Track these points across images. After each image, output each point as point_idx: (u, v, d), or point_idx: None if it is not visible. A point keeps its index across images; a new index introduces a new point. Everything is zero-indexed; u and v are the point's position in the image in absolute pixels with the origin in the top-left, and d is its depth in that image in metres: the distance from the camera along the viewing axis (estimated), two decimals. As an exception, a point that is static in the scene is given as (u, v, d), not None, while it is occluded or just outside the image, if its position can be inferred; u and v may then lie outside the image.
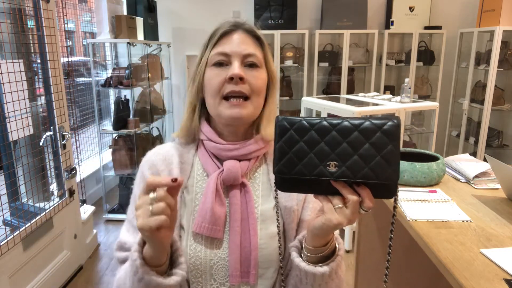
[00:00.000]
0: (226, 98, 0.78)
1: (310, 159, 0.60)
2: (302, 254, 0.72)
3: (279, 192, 0.66)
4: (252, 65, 0.79)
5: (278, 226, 0.74)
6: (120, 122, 3.21)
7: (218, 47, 0.80)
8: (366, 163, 0.58)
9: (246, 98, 0.78)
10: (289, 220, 0.80)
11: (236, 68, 0.76)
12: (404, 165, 1.41)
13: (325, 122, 0.60)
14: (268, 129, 0.82)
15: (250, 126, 0.84)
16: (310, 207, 0.82)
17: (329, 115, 2.62)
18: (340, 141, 0.59)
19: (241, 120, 0.78)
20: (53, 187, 2.43)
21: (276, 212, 0.73)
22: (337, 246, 0.71)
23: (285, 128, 0.62)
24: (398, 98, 2.76)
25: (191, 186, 0.82)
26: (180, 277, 0.67)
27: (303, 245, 0.71)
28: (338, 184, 0.60)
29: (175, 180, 0.58)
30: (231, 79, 0.76)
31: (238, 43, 0.79)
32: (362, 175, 0.58)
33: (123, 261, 0.77)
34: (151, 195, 0.57)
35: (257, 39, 0.83)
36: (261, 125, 0.83)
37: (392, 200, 0.65)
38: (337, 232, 0.75)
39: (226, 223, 0.79)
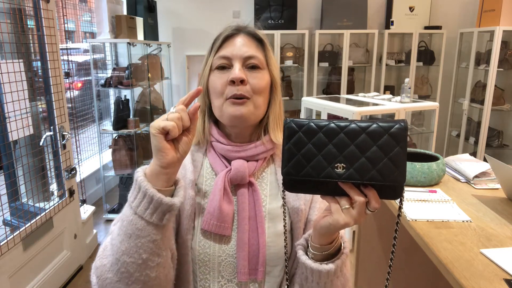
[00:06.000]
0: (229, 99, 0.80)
1: (318, 161, 0.61)
2: (308, 252, 0.73)
3: (286, 192, 0.67)
4: (254, 67, 0.81)
5: (284, 226, 0.75)
6: (120, 122, 3.21)
7: (221, 51, 0.81)
8: (373, 165, 0.59)
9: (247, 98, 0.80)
10: (297, 219, 0.81)
11: (236, 71, 0.78)
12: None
13: (333, 125, 0.61)
14: (277, 134, 0.84)
15: (257, 128, 0.86)
16: (317, 207, 0.83)
17: (329, 115, 2.62)
18: (348, 144, 0.60)
19: (242, 118, 0.79)
20: (53, 187, 2.43)
21: (283, 212, 0.74)
22: (342, 244, 0.72)
23: (294, 130, 0.62)
24: (398, 98, 2.76)
25: (201, 184, 0.84)
26: (175, 199, 0.66)
27: (309, 243, 0.73)
28: (346, 185, 0.61)
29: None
30: (232, 82, 0.78)
31: (239, 46, 0.81)
32: (370, 177, 0.59)
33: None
34: (171, 109, 0.65)
35: (259, 42, 0.84)
36: (269, 128, 0.84)
37: (393, 200, 0.65)
38: (342, 231, 0.76)
39: (234, 221, 0.81)
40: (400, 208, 0.64)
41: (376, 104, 2.60)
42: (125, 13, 3.48)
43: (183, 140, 0.65)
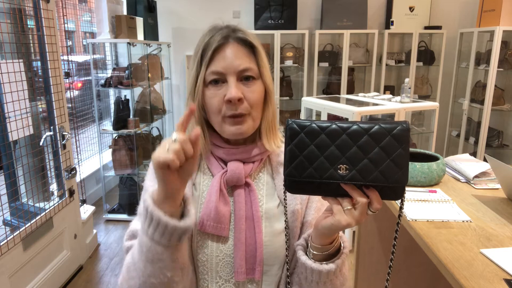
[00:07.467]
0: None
1: (321, 162, 0.61)
2: (308, 252, 0.73)
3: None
4: (249, 78, 0.79)
5: (286, 228, 0.75)
6: (120, 122, 3.21)
7: (212, 65, 0.78)
8: (376, 166, 0.59)
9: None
10: (293, 219, 0.81)
11: (232, 89, 0.75)
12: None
13: (335, 126, 0.61)
14: (270, 141, 0.83)
15: (253, 132, 0.85)
16: (314, 207, 0.84)
17: (329, 115, 2.62)
18: (351, 145, 0.60)
19: (243, 135, 0.80)
20: (53, 187, 2.43)
21: (285, 213, 0.75)
22: (342, 244, 0.73)
23: (296, 131, 0.62)
24: (398, 98, 2.75)
25: (198, 184, 0.85)
26: (188, 221, 0.66)
27: (309, 244, 0.73)
28: (348, 186, 0.61)
29: (195, 135, 0.61)
30: (229, 101, 0.76)
31: (232, 59, 0.77)
32: (372, 178, 0.59)
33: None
34: (174, 136, 0.60)
35: (251, 47, 0.80)
36: (262, 135, 0.84)
37: (394, 201, 0.65)
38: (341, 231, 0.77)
39: (231, 221, 0.81)
40: (401, 208, 0.64)
41: (376, 104, 2.60)
42: (125, 13, 3.48)
43: (187, 164, 0.63)
